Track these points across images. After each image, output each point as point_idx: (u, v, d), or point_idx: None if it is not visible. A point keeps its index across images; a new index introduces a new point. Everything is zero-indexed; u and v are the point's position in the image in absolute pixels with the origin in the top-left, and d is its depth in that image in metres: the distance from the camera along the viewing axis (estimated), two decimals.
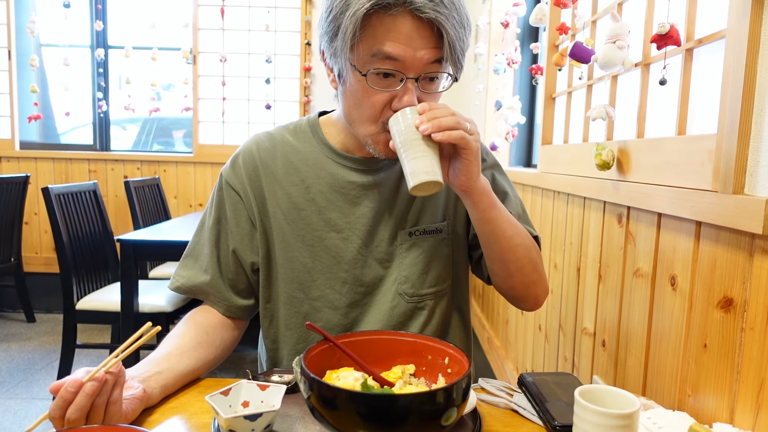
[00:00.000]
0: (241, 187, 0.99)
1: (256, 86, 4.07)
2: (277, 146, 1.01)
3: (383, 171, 0.98)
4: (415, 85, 0.83)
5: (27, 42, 3.99)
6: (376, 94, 0.84)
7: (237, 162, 1.01)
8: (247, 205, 0.99)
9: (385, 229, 0.98)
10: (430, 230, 0.99)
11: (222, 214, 1.01)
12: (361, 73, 0.82)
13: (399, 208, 0.99)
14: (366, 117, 0.87)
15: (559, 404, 0.80)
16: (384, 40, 0.80)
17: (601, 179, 1.28)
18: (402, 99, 0.83)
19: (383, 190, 0.98)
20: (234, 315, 1.02)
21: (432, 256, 1.00)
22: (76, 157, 4.03)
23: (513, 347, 2.36)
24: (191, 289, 1.01)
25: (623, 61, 1.10)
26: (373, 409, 0.62)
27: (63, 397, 0.69)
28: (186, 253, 1.04)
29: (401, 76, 0.82)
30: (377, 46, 0.80)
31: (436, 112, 0.79)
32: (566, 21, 1.71)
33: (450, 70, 0.85)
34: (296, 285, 0.99)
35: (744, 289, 0.75)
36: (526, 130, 2.82)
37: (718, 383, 0.80)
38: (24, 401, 2.46)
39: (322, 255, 0.98)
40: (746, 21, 0.75)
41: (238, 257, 1.00)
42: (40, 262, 4.03)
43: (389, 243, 0.98)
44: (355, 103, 0.87)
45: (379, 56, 0.80)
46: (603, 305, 1.28)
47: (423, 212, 1.00)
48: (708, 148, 0.87)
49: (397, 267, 0.99)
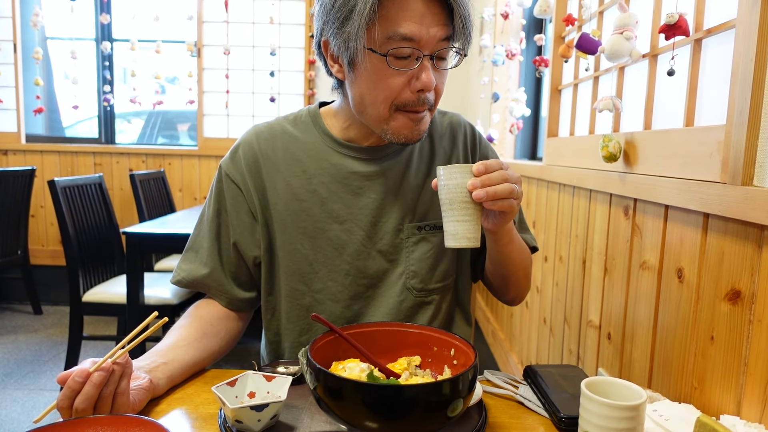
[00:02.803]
0: (241, 180, 0.98)
1: (261, 79, 4.06)
2: (277, 137, 1.00)
3: (387, 160, 0.98)
4: (431, 63, 0.84)
5: (32, 35, 3.99)
6: (394, 75, 0.83)
7: (237, 154, 1.00)
8: (247, 197, 0.98)
9: (390, 220, 0.97)
10: (439, 225, 0.98)
11: (222, 207, 1.00)
12: (382, 54, 0.82)
13: (405, 199, 0.98)
14: (381, 100, 0.86)
15: (565, 396, 0.79)
16: (400, 21, 0.80)
17: (607, 171, 1.27)
18: (420, 78, 0.83)
19: (388, 179, 0.97)
20: (236, 307, 1.02)
21: (440, 252, 0.99)
22: (81, 150, 4.04)
23: (517, 340, 2.36)
24: (192, 283, 1.00)
25: (631, 52, 1.09)
26: (379, 400, 0.62)
27: (70, 387, 0.69)
28: (187, 246, 1.04)
29: (417, 54, 0.82)
30: (393, 28, 0.80)
31: (491, 177, 0.77)
32: (572, 12, 1.69)
33: (459, 45, 0.86)
34: (298, 277, 0.98)
35: (752, 282, 0.74)
36: (532, 122, 2.81)
37: (725, 375, 0.79)
38: (32, 392, 2.48)
39: (324, 246, 0.97)
40: (757, 10, 0.74)
41: (239, 250, 0.99)
42: (47, 255, 4.05)
43: (394, 235, 0.98)
44: (370, 88, 0.86)
45: (396, 37, 0.80)
46: (609, 298, 1.27)
47: (432, 206, 0.99)
48: (716, 139, 0.86)
49: (405, 261, 0.98)
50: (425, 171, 1.00)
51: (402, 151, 0.99)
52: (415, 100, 0.85)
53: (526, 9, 2.40)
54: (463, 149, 1.05)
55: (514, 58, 2.44)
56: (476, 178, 0.77)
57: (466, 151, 1.05)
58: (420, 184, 0.99)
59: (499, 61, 2.52)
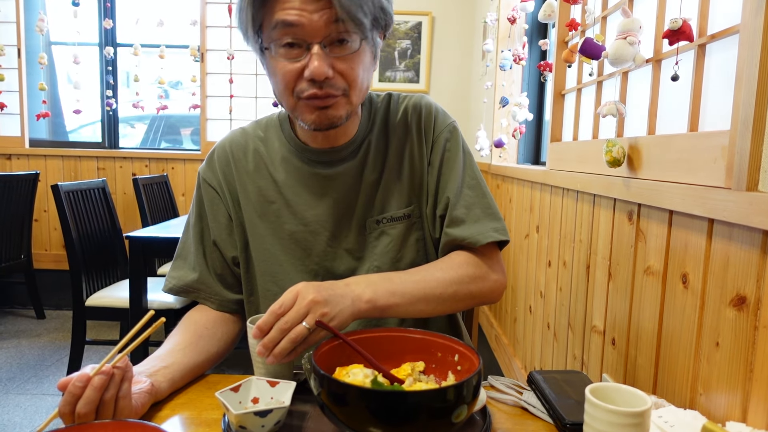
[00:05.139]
0: (217, 183, 1.02)
1: (264, 83, 4.07)
2: (249, 142, 1.03)
3: (345, 162, 0.98)
4: (323, 51, 0.82)
5: (37, 40, 4.01)
6: (286, 65, 0.84)
7: (212, 159, 1.04)
8: (223, 199, 1.02)
9: (353, 219, 0.98)
10: (397, 217, 0.99)
11: (202, 211, 1.03)
12: (266, 47, 0.84)
13: (363, 197, 0.98)
14: (282, 91, 0.87)
15: (569, 402, 0.79)
16: (278, 10, 0.80)
17: (611, 176, 1.27)
18: (310, 67, 0.82)
19: (346, 180, 0.98)
20: (228, 309, 1.03)
21: (402, 243, 0.99)
22: (85, 154, 4.05)
23: (521, 345, 2.36)
24: (183, 289, 1.02)
25: (634, 57, 1.09)
26: (384, 406, 0.62)
27: (71, 392, 0.69)
28: (176, 255, 1.06)
29: (305, 43, 0.82)
30: (275, 17, 0.81)
31: (270, 338, 0.76)
32: (576, 17, 1.69)
33: (356, 29, 0.82)
34: (269, 277, 1.00)
35: (757, 287, 0.74)
36: (535, 127, 2.81)
37: (730, 382, 0.79)
38: (34, 397, 2.48)
39: (292, 248, 0.99)
40: (761, 16, 0.74)
41: (219, 250, 1.02)
42: (50, 259, 4.06)
43: (358, 233, 0.99)
44: (274, 82, 0.88)
45: (279, 27, 0.81)
46: (613, 303, 1.27)
47: (388, 199, 0.99)
48: (721, 144, 0.86)
49: (369, 257, 0.99)
50: (381, 164, 1.00)
51: (359, 149, 0.99)
52: (310, 88, 0.84)
53: (529, 14, 2.40)
54: (417, 136, 1.00)
55: (521, 62, 2.44)
56: (260, 343, 0.76)
57: (420, 138, 1.00)
58: (377, 178, 0.99)
59: (506, 65, 2.52)
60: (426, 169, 1.00)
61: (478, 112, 3.49)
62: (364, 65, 0.87)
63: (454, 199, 0.97)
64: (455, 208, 0.97)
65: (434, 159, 1.00)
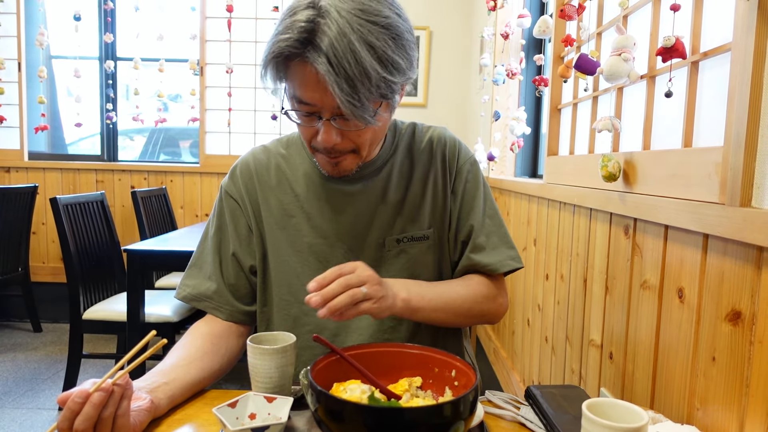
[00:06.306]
0: (239, 196, 1.06)
1: (263, 97, 4.10)
2: (271, 158, 1.08)
3: (366, 180, 1.03)
4: (331, 124, 0.87)
5: (37, 54, 4.03)
6: (302, 126, 0.90)
7: (235, 173, 1.08)
8: (244, 211, 1.06)
9: (372, 235, 1.02)
10: (417, 237, 1.04)
11: (222, 222, 1.07)
12: (288, 110, 0.89)
13: (385, 215, 1.03)
14: (303, 140, 0.97)
15: (567, 417, 0.79)
16: (296, 86, 0.85)
17: (607, 191, 1.28)
18: (319, 137, 0.88)
19: (367, 198, 1.02)
20: (237, 320, 1.05)
21: (418, 263, 1.04)
22: (83, 167, 4.06)
23: (519, 359, 2.35)
24: (197, 297, 1.05)
25: (629, 73, 1.11)
26: (380, 423, 0.62)
27: (70, 408, 0.69)
28: (190, 263, 1.09)
29: (318, 115, 0.86)
30: (292, 91, 0.86)
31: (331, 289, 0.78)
32: (571, 33, 1.71)
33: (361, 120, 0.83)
34: (286, 287, 1.03)
35: (752, 303, 0.74)
36: (532, 140, 2.83)
37: (727, 397, 0.79)
38: (30, 411, 2.46)
39: (310, 260, 1.02)
40: (752, 35, 0.75)
41: (237, 260, 1.05)
42: (47, 272, 4.04)
43: (377, 249, 1.03)
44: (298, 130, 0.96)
45: (295, 100, 0.86)
46: (610, 317, 1.27)
47: (410, 220, 1.04)
48: (714, 160, 0.87)
49: (386, 273, 1.02)
50: (405, 186, 1.06)
51: (381, 170, 1.04)
52: (323, 148, 0.91)
53: (525, 29, 2.43)
54: (441, 165, 1.08)
55: (515, 77, 2.46)
56: (319, 294, 0.77)
57: (444, 167, 1.08)
58: (400, 199, 1.04)
59: (499, 80, 2.55)
60: (449, 196, 1.07)
61: (476, 125, 3.51)
62: (374, 131, 0.92)
63: (478, 227, 1.06)
64: (478, 236, 1.05)
65: (457, 187, 1.07)
